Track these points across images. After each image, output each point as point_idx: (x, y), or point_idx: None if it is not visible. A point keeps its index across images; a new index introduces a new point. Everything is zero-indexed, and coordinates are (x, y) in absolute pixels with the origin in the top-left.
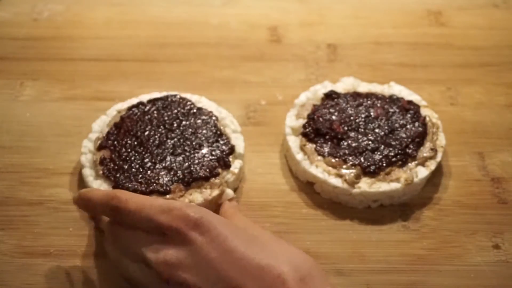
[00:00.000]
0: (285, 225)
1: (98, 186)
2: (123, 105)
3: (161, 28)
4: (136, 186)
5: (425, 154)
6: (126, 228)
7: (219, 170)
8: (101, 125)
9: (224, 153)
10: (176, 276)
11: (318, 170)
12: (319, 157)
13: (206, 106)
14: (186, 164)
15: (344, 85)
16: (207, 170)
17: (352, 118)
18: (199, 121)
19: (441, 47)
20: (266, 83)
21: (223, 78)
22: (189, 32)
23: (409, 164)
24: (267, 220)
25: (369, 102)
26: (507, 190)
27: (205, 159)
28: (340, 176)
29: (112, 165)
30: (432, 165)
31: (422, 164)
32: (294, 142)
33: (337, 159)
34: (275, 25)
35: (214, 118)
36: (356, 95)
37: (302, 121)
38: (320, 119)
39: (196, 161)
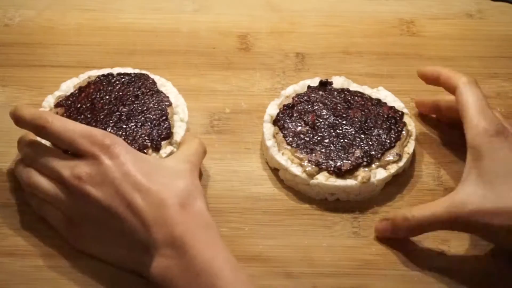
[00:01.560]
0: (241, 230)
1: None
2: (97, 73)
3: (131, 35)
4: None
5: (389, 158)
6: (45, 150)
7: (150, 151)
8: (69, 85)
9: (160, 136)
10: (83, 189)
11: (283, 157)
12: (288, 146)
13: (169, 91)
14: (122, 138)
15: (334, 85)
16: (137, 147)
17: (328, 114)
18: (152, 103)
19: (410, 58)
20: (232, 91)
21: (190, 87)
22: (159, 39)
23: (373, 165)
24: (223, 225)
25: (351, 102)
26: None
27: (140, 137)
28: (301, 165)
29: None
30: (393, 168)
31: (384, 166)
32: (268, 129)
33: (303, 152)
34: (245, 33)
35: (167, 103)
36: (341, 91)
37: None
38: (296, 112)
39: (131, 138)
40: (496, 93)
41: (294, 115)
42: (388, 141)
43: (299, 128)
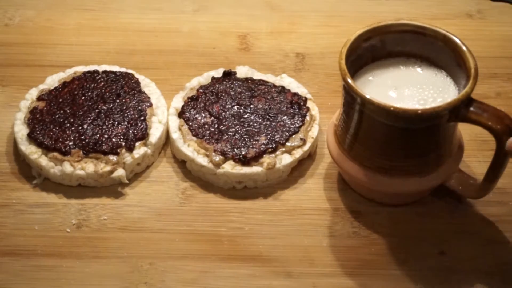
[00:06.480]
0: (241, 230)
1: (18, 131)
2: (83, 69)
3: (131, 35)
4: (43, 140)
5: (294, 143)
6: None
7: (123, 150)
8: (54, 79)
9: (135, 136)
10: None
11: (189, 149)
12: (193, 138)
13: (151, 92)
14: (97, 135)
15: (238, 74)
16: (110, 146)
17: (233, 104)
18: (133, 102)
19: None
20: None
21: None
22: (159, 39)
23: (278, 151)
24: (223, 225)
25: (255, 90)
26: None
27: (116, 136)
28: (207, 156)
29: (38, 115)
30: (298, 153)
31: (289, 152)
32: (174, 122)
33: (209, 142)
34: (245, 33)
35: (147, 104)
36: (245, 80)
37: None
38: (201, 103)
39: (106, 136)
40: (496, 93)
41: (199, 106)
42: (292, 126)
43: (204, 119)
